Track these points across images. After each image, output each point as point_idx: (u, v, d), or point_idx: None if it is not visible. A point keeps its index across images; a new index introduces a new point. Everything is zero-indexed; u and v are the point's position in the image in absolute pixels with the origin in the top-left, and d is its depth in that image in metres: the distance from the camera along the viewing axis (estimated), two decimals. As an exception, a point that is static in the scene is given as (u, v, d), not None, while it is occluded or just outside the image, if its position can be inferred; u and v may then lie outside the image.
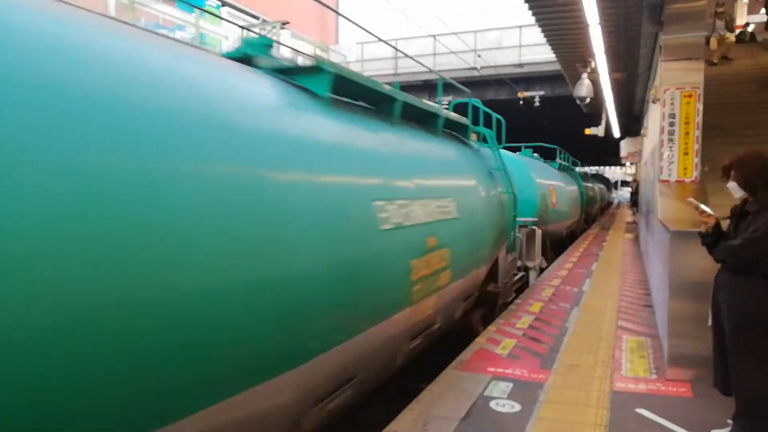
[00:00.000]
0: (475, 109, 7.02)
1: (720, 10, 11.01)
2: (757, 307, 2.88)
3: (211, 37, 14.74)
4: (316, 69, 3.27)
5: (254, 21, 14.63)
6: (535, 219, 9.72)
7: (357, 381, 3.18)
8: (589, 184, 22.90)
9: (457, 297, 4.88)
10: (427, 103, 4.75)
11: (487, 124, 7.06)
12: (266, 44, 3.35)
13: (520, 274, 8.24)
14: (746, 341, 2.91)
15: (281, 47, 13.55)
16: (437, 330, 4.53)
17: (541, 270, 9.77)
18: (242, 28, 12.79)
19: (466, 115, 6.49)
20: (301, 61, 3.30)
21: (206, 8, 11.82)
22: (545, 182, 11.81)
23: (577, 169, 22.41)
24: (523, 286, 8.39)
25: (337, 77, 3.33)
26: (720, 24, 10.93)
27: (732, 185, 3.08)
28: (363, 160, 3.42)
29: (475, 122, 6.80)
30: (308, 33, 21.16)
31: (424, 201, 3.96)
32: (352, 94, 3.82)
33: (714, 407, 3.51)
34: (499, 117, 7.36)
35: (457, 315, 5.21)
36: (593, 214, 23.68)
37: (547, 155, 16.18)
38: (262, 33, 13.93)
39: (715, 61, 10.65)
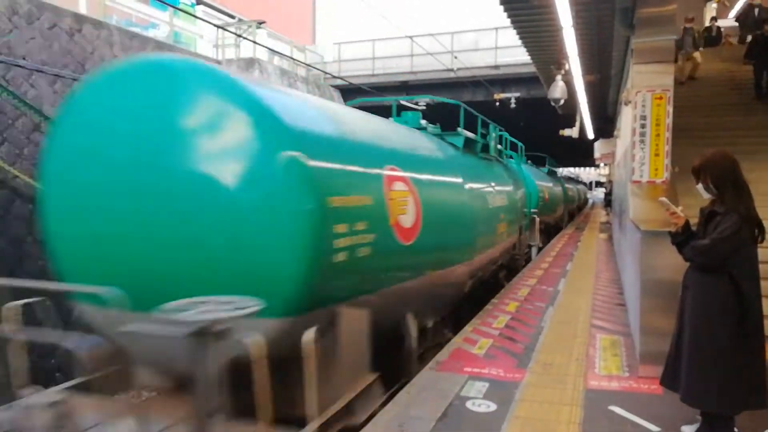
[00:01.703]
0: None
1: (689, 25, 10.88)
2: (722, 306, 2.94)
3: (186, 35, 14.55)
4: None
5: (230, 20, 14.49)
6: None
7: None
8: (547, 183, 17.17)
9: None
10: None
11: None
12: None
13: None
14: (707, 338, 2.98)
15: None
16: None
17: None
18: (217, 27, 12.66)
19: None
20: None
21: (181, 6, 11.64)
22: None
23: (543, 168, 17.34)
24: None
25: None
26: (688, 41, 10.80)
27: (701, 186, 3.14)
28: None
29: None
30: (285, 32, 21.04)
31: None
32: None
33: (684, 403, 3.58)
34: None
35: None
36: (556, 222, 18.70)
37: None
38: (238, 32, 13.81)
39: (683, 80, 10.57)
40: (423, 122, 7.04)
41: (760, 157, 7.84)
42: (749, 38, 11.75)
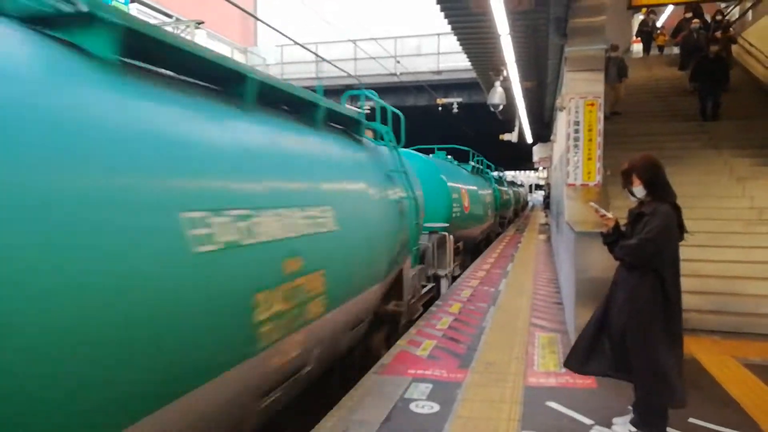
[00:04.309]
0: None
1: (614, 54, 10.75)
2: (649, 302, 3.10)
3: (120, 34, 13.97)
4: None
5: (166, 19, 14.04)
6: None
7: None
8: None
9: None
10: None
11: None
12: None
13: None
14: (638, 332, 3.13)
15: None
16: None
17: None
18: (153, 26, 12.21)
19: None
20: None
21: (112, 4, 11.14)
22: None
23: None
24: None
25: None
26: (613, 71, 10.38)
27: (637, 189, 3.29)
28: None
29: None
30: (225, 33, 20.61)
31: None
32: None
33: (615, 397, 3.74)
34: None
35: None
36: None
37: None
38: (176, 32, 13.37)
39: (607, 114, 9.38)
40: (449, 157, 13.24)
41: (685, 162, 8.35)
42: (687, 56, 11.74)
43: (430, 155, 11.64)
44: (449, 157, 13.22)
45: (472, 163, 15.80)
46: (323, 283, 3.39)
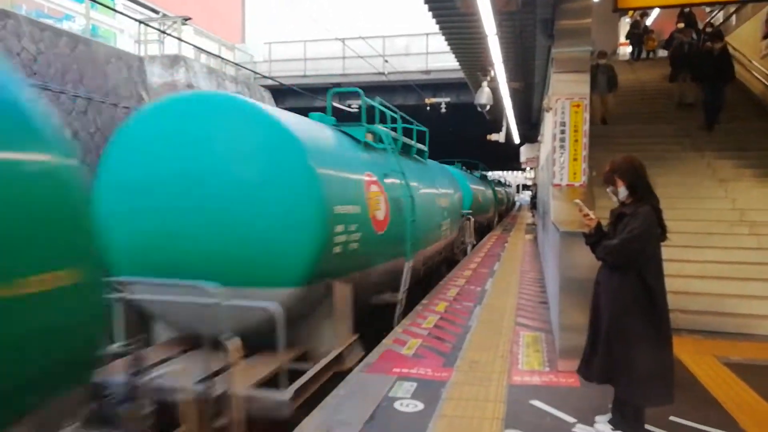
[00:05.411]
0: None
1: (602, 61, 10.53)
2: (630, 301, 3.13)
3: (105, 29, 13.81)
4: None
5: (153, 15, 13.89)
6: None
7: None
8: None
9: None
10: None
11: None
12: None
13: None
14: (621, 331, 3.16)
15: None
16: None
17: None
18: (139, 22, 12.10)
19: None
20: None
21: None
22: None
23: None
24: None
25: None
26: (602, 80, 10.11)
27: (614, 189, 3.32)
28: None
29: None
30: (213, 30, 20.45)
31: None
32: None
33: (598, 395, 3.76)
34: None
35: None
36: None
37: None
38: (162, 28, 13.25)
39: (597, 119, 9.70)
40: (463, 168, 17.56)
41: (669, 163, 8.44)
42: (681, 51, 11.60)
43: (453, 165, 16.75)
44: (463, 168, 19.57)
45: (480, 172, 23.67)
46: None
